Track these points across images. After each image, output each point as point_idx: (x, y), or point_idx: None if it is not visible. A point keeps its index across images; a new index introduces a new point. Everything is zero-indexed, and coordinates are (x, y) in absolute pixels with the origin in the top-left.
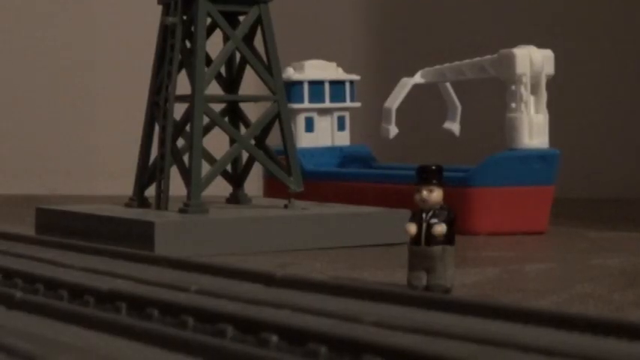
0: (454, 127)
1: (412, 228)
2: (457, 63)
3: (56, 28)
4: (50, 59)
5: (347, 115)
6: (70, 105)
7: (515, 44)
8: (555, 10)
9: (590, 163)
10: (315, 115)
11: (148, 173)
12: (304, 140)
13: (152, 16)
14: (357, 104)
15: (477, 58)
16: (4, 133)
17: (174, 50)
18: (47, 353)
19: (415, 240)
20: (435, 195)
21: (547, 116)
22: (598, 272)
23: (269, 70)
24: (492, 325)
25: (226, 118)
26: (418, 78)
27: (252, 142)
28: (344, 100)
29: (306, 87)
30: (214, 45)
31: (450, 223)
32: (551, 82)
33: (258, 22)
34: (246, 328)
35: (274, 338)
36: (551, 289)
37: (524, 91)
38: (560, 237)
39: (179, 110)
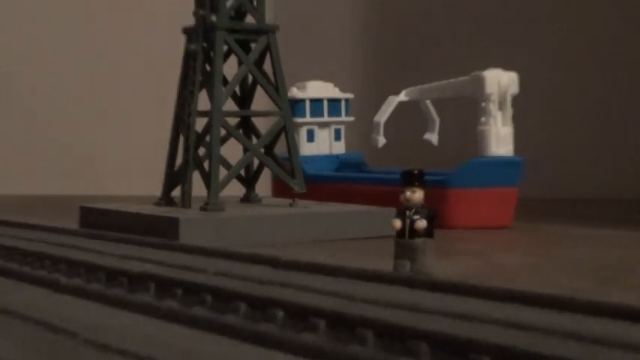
0: (433, 137)
1: (397, 223)
2: (436, 83)
3: (104, 59)
4: (95, 80)
5: (342, 127)
6: (108, 121)
7: (485, 67)
8: (520, 34)
9: (551, 168)
10: (315, 127)
11: (174, 177)
12: (306, 149)
13: (178, 43)
14: (351, 118)
15: (453, 80)
16: (54, 142)
17: (196, 72)
18: (87, 332)
19: (400, 233)
20: (417, 195)
21: (512, 129)
22: (559, 262)
23: (276, 89)
24: (467, 302)
25: (240, 130)
26: (403, 96)
27: (262, 150)
28: (340, 115)
29: (307, 104)
30: (230, 68)
31: (430, 219)
32: (518, 97)
33: (267, 48)
34: (256, 304)
35: (280, 313)
36: (517, 276)
37: (493, 108)
38: (524, 232)
39: (200, 123)
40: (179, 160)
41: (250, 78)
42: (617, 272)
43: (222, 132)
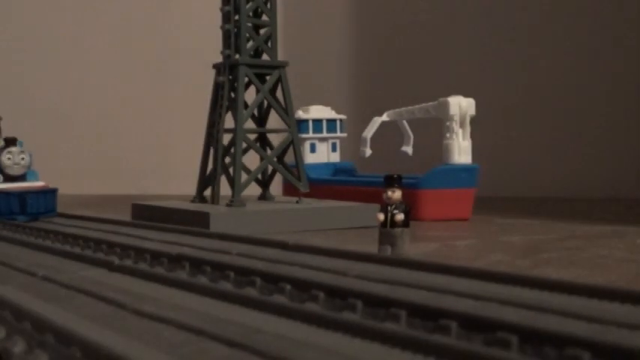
0: (408, 149)
1: (381, 216)
2: (410, 107)
3: (151, 88)
4: (146, 107)
5: (338, 141)
6: (155, 136)
7: (449, 94)
8: (475, 69)
9: (506, 172)
10: (316, 141)
11: (206, 180)
12: (309, 158)
13: (209, 76)
14: (345, 134)
15: (424, 104)
16: (107, 151)
17: (223, 99)
18: (135, 303)
19: (383, 224)
20: (396, 194)
21: (470, 142)
22: (505, 246)
23: (286, 111)
24: (437, 277)
25: (258, 143)
26: (384, 117)
27: (275, 159)
28: (336, 132)
29: (310, 123)
30: (250, 95)
31: (406, 213)
32: (475, 118)
33: (279, 80)
34: (269, 279)
35: (288, 287)
36: (474, 258)
37: (455, 126)
38: (479, 223)
39: (226, 138)
40: (209, 167)
41: (265, 103)
42: (534, 251)
43: (244, 145)
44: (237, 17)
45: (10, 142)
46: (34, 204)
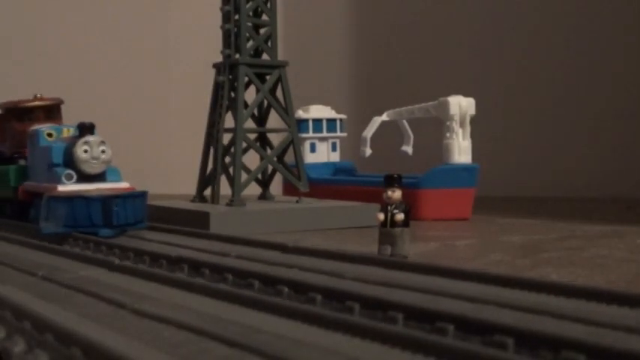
0: (408, 149)
1: (381, 216)
2: (410, 106)
3: (153, 89)
4: (148, 106)
5: (338, 141)
6: (155, 136)
7: (449, 94)
8: (475, 69)
9: (506, 172)
10: (316, 141)
11: (206, 180)
12: (309, 158)
13: (209, 75)
14: (345, 134)
15: (424, 103)
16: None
17: (223, 98)
18: (135, 303)
19: (383, 224)
20: (396, 194)
21: (470, 142)
22: (505, 246)
23: (286, 111)
24: (434, 280)
25: (257, 143)
26: (384, 116)
27: (275, 159)
28: (336, 132)
29: (310, 122)
30: (250, 95)
31: (406, 213)
32: (475, 118)
33: (279, 79)
34: (267, 282)
35: (286, 289)
36: (474, 257)
37: (455, 126)
38: (479, 222)
39: (226, 138)
40: (209, 167)
41: (265, 102)
42: (534, 251)
43: (244, 145)
44: (237, 17)
45: (87, 129)
46: (121, 213)
